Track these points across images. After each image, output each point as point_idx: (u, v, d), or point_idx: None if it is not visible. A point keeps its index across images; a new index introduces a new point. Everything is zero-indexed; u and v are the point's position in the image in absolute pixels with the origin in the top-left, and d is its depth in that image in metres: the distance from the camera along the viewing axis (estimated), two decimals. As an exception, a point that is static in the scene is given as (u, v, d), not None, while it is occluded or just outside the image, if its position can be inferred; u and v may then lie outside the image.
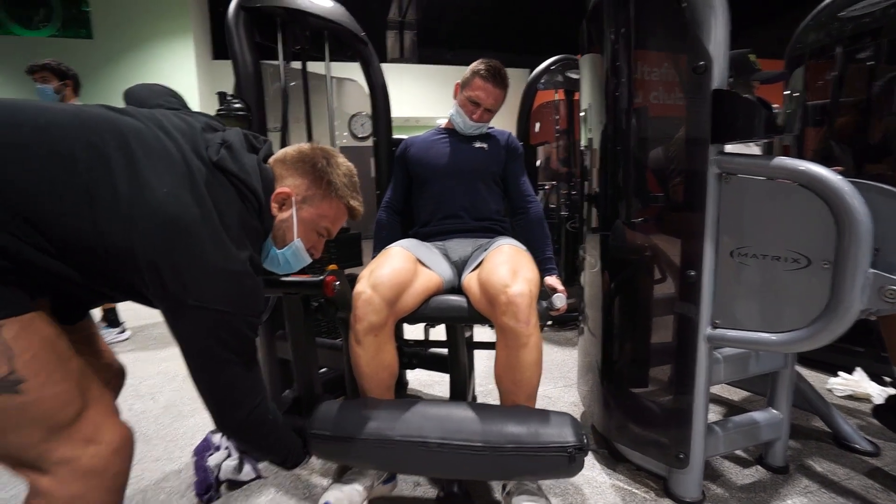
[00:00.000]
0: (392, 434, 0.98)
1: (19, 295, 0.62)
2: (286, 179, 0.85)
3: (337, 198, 0.88)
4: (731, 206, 1.01)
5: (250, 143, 0.86)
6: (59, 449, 0.63)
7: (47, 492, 0.63)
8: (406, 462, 1.01)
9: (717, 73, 0.99)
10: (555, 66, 2.55)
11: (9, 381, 0.59)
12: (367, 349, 1.05)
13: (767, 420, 1.28)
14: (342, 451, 1.02)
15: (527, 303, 1.00)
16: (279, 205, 0.84)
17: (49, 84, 2.48)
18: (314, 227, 0.88)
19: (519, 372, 1.04)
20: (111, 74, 5.35)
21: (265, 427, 0.84)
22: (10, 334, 0.59)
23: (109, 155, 0.66)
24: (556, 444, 0.94)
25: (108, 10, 5.34)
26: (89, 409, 0.67)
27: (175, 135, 0.74)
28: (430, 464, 1.00)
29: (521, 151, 1.51)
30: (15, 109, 0.64)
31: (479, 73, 1.35)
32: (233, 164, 0.76)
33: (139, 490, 1.32)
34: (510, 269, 1.07)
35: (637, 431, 1.27)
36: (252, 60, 1.39)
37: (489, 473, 1.04)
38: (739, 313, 1.03)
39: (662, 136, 1.16)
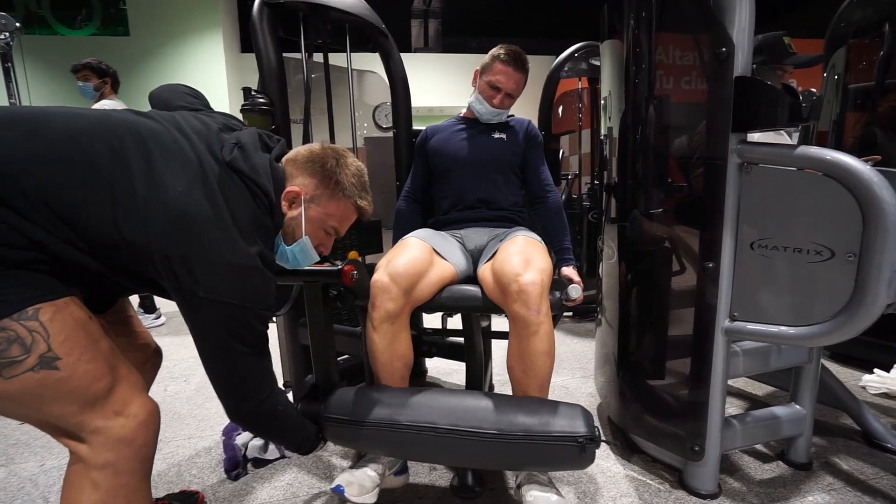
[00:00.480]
0: (402, 419, 1.00)
1: (54, 282, 0.68)
2: (296, 178, 0.89)
3: (344, 197, 0.91)
4: (753, 197, 0.99)
5: (264, 142, 0.89)
6: (92, 420, 0.70)
7: (84, 457, 0.70)
8: (415, 447, 1.02)
9: (740, 60, 0.96)
10: (578, 54, 2.50)
11: (47, 358, 0.65)
12: (384, 336, 1.08)
13: (789, 415, 1.25)
14: (354, 435, 1.04)
15: (538, 291, 1.01)
16: (289, 203, 0.87)
17: (90, 82, 2.62)
18: (322, 226, 0.91)
19: (529, 360, 1.05)
20: (147, 69, 5.57)
21: (275, 417, 0.87)
22: (47, 317, 0.66)
23: (129, 158, 0.71)
24: (566, 434, 0.93)
25: (143, 8, 5.54)
26: (118, 385, 0.73)
27: (192, 136, 0.78)
28: (439, 450, 1.01)
29: (540, 140, 1.50)
30: (49, 118, 0.70)
31: (500, 58, 1.35)
32: (244, 163, 0.79)
33: (174, 464, 1.42)
34: (523, 258, 1.08)
35: (653, 423, 1.27)
36: (275, 55, 1.43)
37: (498, 462, 1.04)
38: (759, 306, 1.01)
39: (682, 125, 1.13)
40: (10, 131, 0.66)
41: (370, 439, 1.03)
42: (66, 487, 0.71)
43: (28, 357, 0.64)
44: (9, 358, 0.63)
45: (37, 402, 0.67)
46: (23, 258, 0.65)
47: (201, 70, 5.67)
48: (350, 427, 1.04)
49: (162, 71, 5.60)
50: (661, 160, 1.18)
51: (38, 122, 0.69)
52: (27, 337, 0.64)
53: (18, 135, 0.66)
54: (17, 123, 0.67)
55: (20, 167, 0.64)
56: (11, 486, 1.35)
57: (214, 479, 1.34)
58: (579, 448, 0.92)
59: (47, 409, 0.68)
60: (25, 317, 0.64)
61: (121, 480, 0.71)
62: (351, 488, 1.01)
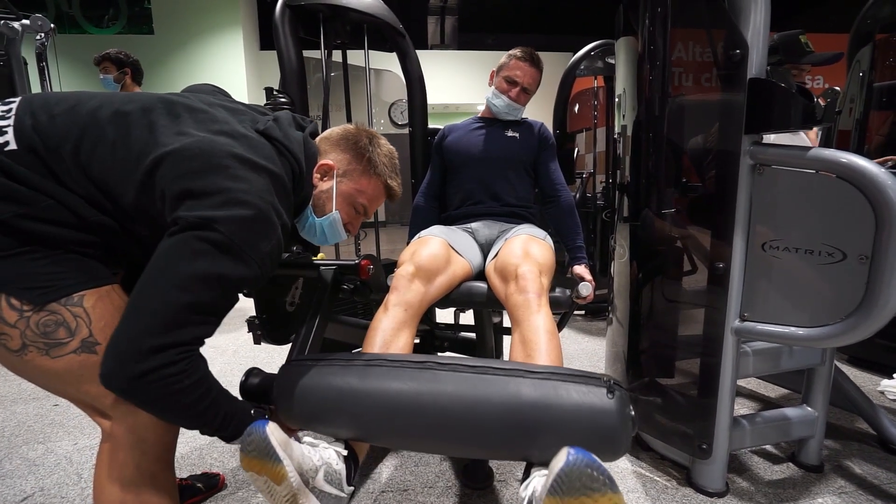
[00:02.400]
0: (392, 358, 0.78)
1: (100, 269, 0.73)
2: (329, 154, 0.90)
3: (376, 175, 0.92)
4: (765, 198, 0.99)
5: (297, 122, 0.92)
6: (123, 402, 0.73)
7: (115, 436, 0.74)
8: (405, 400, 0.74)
9: (754, 62, 0.96)
10: (594, 52, 2.49)
11: (88, 343, 0.70)
12: (392, 318, 1.03)
13: (800, 417, 1.25)
14: (315, 386, 0.77)
15: (534, 277, 1.02)
16: (321, 175, 0.89)
17: (109, 74, 2.68)
18: (352, 202, 0.92)
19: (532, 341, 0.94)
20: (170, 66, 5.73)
21: (178, 379, 0.65)
22: (90, 303, 0.70)
23: (158, 119, 0.72)
24: (590, 375, 0.72)
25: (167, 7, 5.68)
26: None
27: (221, 111, 0.80)
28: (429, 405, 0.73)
29: (552, 141, 1.52)
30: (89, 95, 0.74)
31: (516, 55, 1.43)
32: (278, 132, 0.81)
33: (195, 448, 1.49)
34: (522, 251, 1.12)
35: (661, 421, 1.28)
36: (296, 56, 1.47)
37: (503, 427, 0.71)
38: (769, 306, 1.01)
39: (696, 124, 1.14)
40: (57, 107, 0.71)
41: (345, 389, 0.76)
42: (98, 463, 0.76)
43: (72, 340, 0.69)
44: (55, 339, 0.68)
45: (77, 382, 0.72)
46: (74, 239, 0.69)
47: (222, 67, 5.80)
48: (321, 369, 0.78)
49: (184, 68, 5.75)
50: (674, 159, 1.18)
51: (79, 98, 0.73)
52: (72, 321, 0.69)
53: (61, 111, 0.71)
54: (62, 101, 0.72)
55: (61, 137, 0.68)
56: (49, 463, 1.43)
57: (234, 463, 1.40)
58: (607, 388, 0.70)
59: (85, 388, 0.72)
60: (72, 302, 0.69)
61: (147, 460, 0.75)
62: (275, 434, 0.69)
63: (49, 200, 0.67)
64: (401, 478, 1.30)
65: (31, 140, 0.67)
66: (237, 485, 1.29)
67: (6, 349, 0.68)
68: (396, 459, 1.39)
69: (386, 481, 1.29)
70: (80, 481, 1.33)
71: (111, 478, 0.74)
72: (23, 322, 0.66)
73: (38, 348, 0.68)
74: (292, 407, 0.79)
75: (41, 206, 0.66)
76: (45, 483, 1.34)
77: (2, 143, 0.66)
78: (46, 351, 0.68)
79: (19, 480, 1.35)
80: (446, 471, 1.33)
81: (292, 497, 0.70)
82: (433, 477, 1.30)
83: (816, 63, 1.63)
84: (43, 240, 0.67)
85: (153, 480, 0.76)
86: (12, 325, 0.66)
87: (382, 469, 1.35)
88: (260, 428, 0.69)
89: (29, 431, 1.63)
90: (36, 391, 1.94)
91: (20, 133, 0.67)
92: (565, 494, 0.58)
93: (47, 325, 0.67)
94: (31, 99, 0.72)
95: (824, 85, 5.33)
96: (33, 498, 1.27)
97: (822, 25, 4.58)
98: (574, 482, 0.58)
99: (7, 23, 2.99)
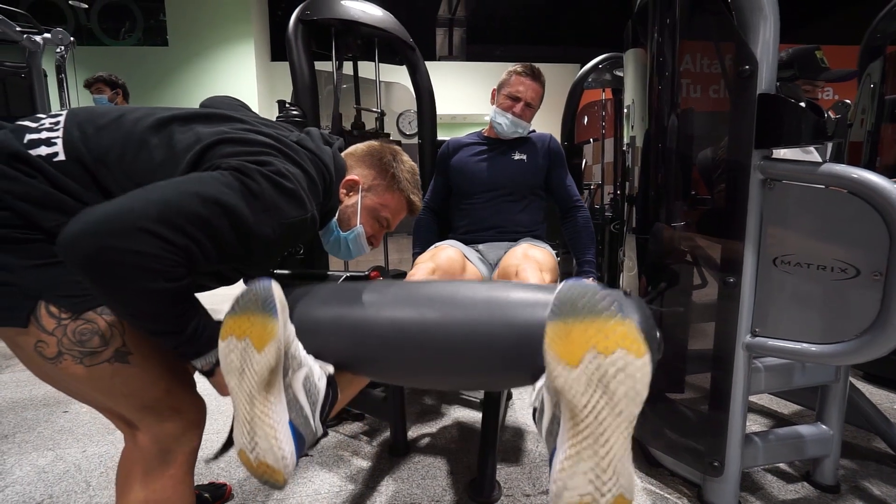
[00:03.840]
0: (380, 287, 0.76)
1: None
2: (355, 169, 0.93)
3: (399, 190, 0.94)
4: (776, 213, 0.99)
5: (325, 139, 0.95)
6: (151, 413, 0.76)
7: (141, 445, 0.76)
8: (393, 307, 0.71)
9: (764, 77, 0.96)
10: (602, 65, 2.51)
11: (121, 352, 0.71)
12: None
13: (815, 435, 1.23)
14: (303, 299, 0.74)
15: (535, 270, 1.07)
16: (347, 190, 0.92)
17: (103, 94, 2.76)
18: (376, 216, 0.95)
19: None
20: (184, 78, 5.85)
21: (164, 277, 0.60)
22: None
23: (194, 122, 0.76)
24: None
25: (181, 20, 5.82)
26: (176, 383, 0.79)
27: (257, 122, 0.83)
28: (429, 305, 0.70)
29: (562, 155, 1.53)
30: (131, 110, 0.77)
31: (516, 71, 1.43)
32: (311, 143, 0.84)
33: (202, 457, 1.49)
34: (523, 254, 1.16)
35: (672, 437, 1.26)
36: (308, 70, 1.50)
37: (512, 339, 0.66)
38: (781, 322, 1.00)
39: (705, 138, 1.14)
40: (102, 119, 0.73)
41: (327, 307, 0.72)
42: (121, 471, 0.78)
43: (106, 349, 0.70)
44: (90, 348, 0.69)
45: (107, 390, 0.73)
46: None
47: (234, 78, 5.91)
48: (317, 292, 0.75)
49: (197, 79, 5.87)
50: (684, 172, 1.18)
51: (122, 111, 0.76)
52: (107, 331, 0.70)
53: (105, 123, 0.73)
54: (106, 114, 0.75)
55: (106, 148, 0.70)
56: (58, 470, 1.44)
57: (241, 473, 1.40)
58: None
59: (115, 398, 0.74)
60: (106, 311, 0.69)
61: (170, 470, 0.77)
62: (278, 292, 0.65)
63: None
64: (407, 491, 1.29)
65: (78, 151, 0.69)
66: (244, 496, 1.29)
67: (41, 356, 0.69)
68: (404, 472, 1.38)
69: (393, 494, 1.28)
70: (88, 489, 1.34)
71: (135, 486, 0.76)
72: (60, 330, 0.67)
73: (73, 356, 0.69)
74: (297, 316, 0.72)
75: None
76: (54, 490, 1.34)
77: (51, 154, 0.68)
78: (80, 359, 0.69)
79: (29, 487, 1.36)
80: (454, 484, 1.32)
81: (264, 382, 0.62)
82: (440, 490, 1.29)
83: (832, 80, 1.63)
84: None
85: (175, 489, 0.78)
86: (50, 333, 0.67)
87: (389, 482, 1.34)
88: (262, 282, 0.64)
89: (39, 438, 1.65)
90: (47, 398, 1.96)
91: (69, 144, 0.69)
92: (568, 316, 0.53)
93: (83, 334, 0.68)
94: (76, 112, 0.74)
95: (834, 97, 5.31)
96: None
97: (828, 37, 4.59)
98: (576, 302, 0.53)
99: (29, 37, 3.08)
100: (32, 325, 0.67)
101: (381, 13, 1.67)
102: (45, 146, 0.68)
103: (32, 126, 0.71)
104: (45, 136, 0.69)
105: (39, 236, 0.66)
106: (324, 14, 1.53)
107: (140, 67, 5.66)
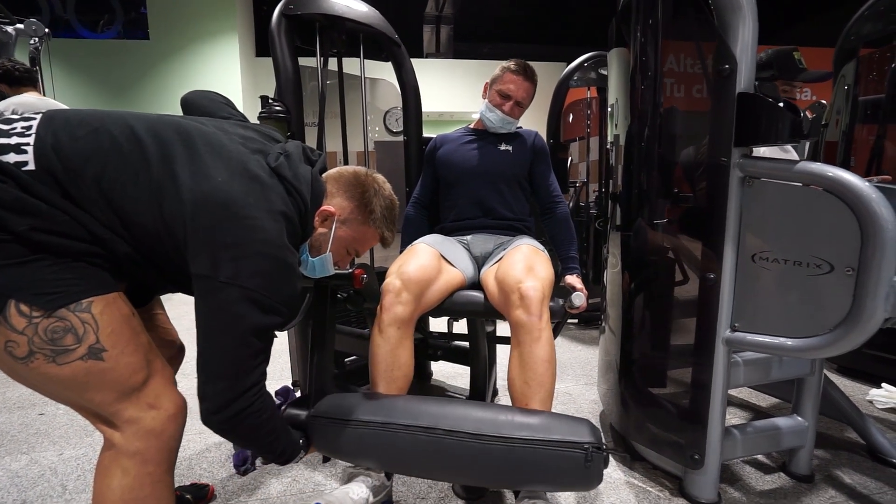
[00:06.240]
0: (396, 419, 0.95)
1: (107, 277, 0.73)
2: (335, 198, 0.93)
3: (374, 227, 0.96)
4: (754, 210, 1.01)
5: (307, 156, 0.94)
6: (127, 410, 0.74)
7: (117, 444, 0.75)
8: (408, 454, 0.95)
9: (743, 76, 0.98)
10: (588, 64, 2.53)
11: (95, 349, 0.70)
12: (388, 340, 1.11)
13: (791, 427, 1.26)
14: (342, 437, 0.97)
15: (539, 297, 1.04)
16: (321, 220, 0.91)
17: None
18: (346, 246, 0.96)
19: (531, 369, 1.06)
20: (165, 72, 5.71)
21: (259, 424, 0.81)
22: (98, 310, 0.70)
23: (175, 152, 0.75)
24: (571, 440, 0.88)
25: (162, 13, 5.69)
26: (153, 378, 0.77)
27: (236, 139, 0.83)
28: (434, 457, 0.94)
29: (547, 151, 1.54)
30: (112, 119, 0.75)
31: (510, 68, 1.43)
32: (288, 170, 0.84)
33: (185, 458, 1.46)
34: (525, 266, 1.11)
35: (654, 431, 1.29)
36: (292, 65, 1.48)
37: (497, 475, 0.94)
38: (759, 317, 1.02)
39: (686, 136, 1.16)
40: (79, 129, 0.71)
41: (359, 442, 0.97)
42: (98, 470, 0.76)
43: (79, 346, 0.69)
44: (63, 346, 0.68)
45: (81, 389, 0.72)
46: (83, 250, 0.70)
47: (217, 73, 5.80)
48: (338, 427, 0.98)
49: (180, 74, 5.74)
50: (666, 170, 1.20)
51: (103, 121, 0.74)
52: (80, 327, 0.69)
53: (84, 133, 0.71)
54: (84, 123, 0.73)
55: (82, 161, 0.69)
56: (32, 474, 1.40)
57: (224, 473, 1.38)
58: (584, 457, 0.86)
59: (89, 395, 0.72)
60: (80, 308, 0.69)
61: (148, 469, 0.75)
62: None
63: (65, 216, 0.68)
64: (392, 489, 1.28)
65: (50, 162, 0.67)
66: (226, 496, 1.27)
67: (11, 357, 0.67)
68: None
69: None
70: (64, 493, 1.30)
71: (112, 485, 0.74)
72: (31, 328, 0.66)
73: (44, 355, 0.68)
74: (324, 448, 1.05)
75: (57, 220, 0.67)
76: (28, 495, 1.31)
77: (21, 162, 0.66)
78: (53, 358, 0.68)
79: (1, 493, 1.32)
80: (439, 482, 1.32)
81: None
82: (426, 488, 1.29)
83: (809, 81, 1.67)
84: (53, 249, 0.67)
85: (154, 488, 0.77)
86: (20, 332, 0.66)
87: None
88: None
89: (12, 441, 1.60)
90: (21, 400, 1.90)
91: (40, 153, 0.68)
92: None
93: (55, 332, 0.67)
94: (52, 116, 0.72)
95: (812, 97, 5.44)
96: (16, 511, 1.25)
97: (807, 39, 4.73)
98: None
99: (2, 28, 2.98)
100: (1, 325, 0.65)
101: (367, 9, 1.65)
102: (15, 153, 0.67)
103: (4, 129, 0.69)
104: (14, 141, 0.68)
105: (9, 237, 0.64)
106: (308, 9, 1.51)
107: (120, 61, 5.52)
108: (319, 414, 1.01)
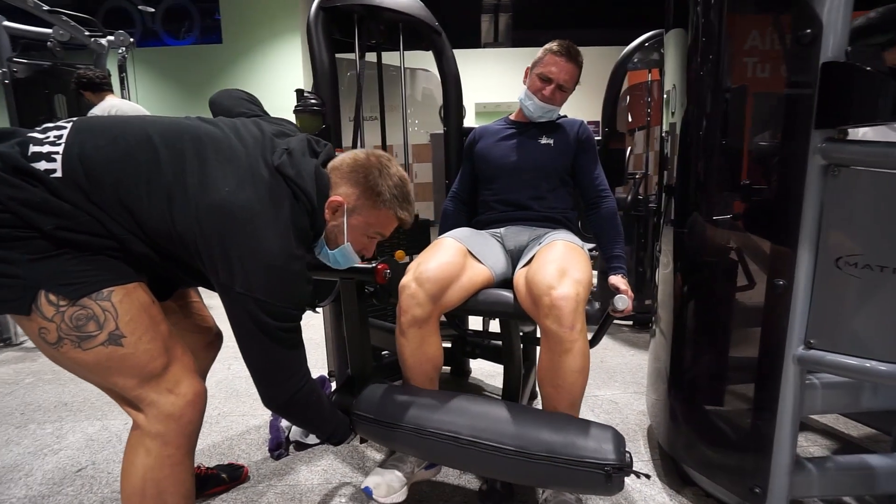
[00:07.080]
0: (426, 424, 0.99)
1: (126, 269, 0.78)
2: (340, 187, 0.91)
3: (385, 208, 0.92)
4: (840, 205, 0.83)
5: (312, 148, 0.93)
6: (148, 394, 0.79)
7: (141, 425, 0.80)
8: (439, 454, 1.01)
9: (830, 43, 0.81)
10: (649, 43, 2.30)
11: (114, 335, 0.75)
12: (411, 340, 1.08)
13: (887, 466, 1.05)
14: (381, 434, 1.05)
15: (571, 307, 0.94)
16: (332, 211, 0.90)
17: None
18: (364, 232, 0.94)
19: (560, 377, 0.99)
20: (236, 73, 6.14)
21: (307, 406, 0.91)
22: (117, 298, 0.75)
23: (186, 160, 0.78)
24: (592, 459, 0.87)
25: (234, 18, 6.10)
26: (172, 365, 0.81)
27: (248, 141, 0.84)
28: (462, 459, 0.99)
29: (593, 142, 1.40)
30: (129, 127, 0.79)
31: (551, 49, 1.33)
32: (291, 168, 0.83)
33: (227, 438, 1.54)
34: (558, 268, 1.01)
35: (707, 454, 1.13)
36: (329, 58, 1.48)
37: (520, 477, 0.99)
38: (842, 334, 0.85)
39: (754, 120, 0.99)
40: (101, 139, 0.76)
41: (397, 440, 1.04)
42: (127, 448, 0.82)
43: (101, 333, 0.74)
44: (86, 332, 0.73)
45: (105, 373, 0.77)
46: (104, 245, 0.75)
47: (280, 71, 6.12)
48: (377, 427, 1.05)
49: (249, 74, 6.14)
50: (728, 160, 1.04)
51: (122, 129, 0.79)
52: (101, 315, 0.74)
53: (105, 142, 0.76)
54: (105, 132, 0.78)
55: (103, 169, 0.74)
56: (102, 438, 1.57)
57: (259, 456, 1.43)
58: (605, 477, 0.85)
59: (113, 379, 0.78)
60: (101, 297, 0.74)
61: (167, 451, 0.80)
62: (379, 489, 1.03)
63: (87, 217, 0.72)
64: (416, 487, 1.26)
65: (75, 170, 0.73)
66: (258, 478, 1.32)
67: (45, 342, 0.74)
68: (415, 469, 1.35)
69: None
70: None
71: (136, 463, 0.80)
72: (59, 316, 0.72)
73: (71, 341, 0.73)
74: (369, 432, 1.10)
75: (79, 220, 0.72)
76: (98, 458, 1.45)
77: (50, 169, 0.72)
78: (78, 343, 0.73)
79: (77, 453, 1.48)
80: (465, 485, 1.27)
81: None
82: (450, 491, 1.25)
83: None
84: (75, 245, 0.72)
85: (172, 469, 0.81)
86: (49, 319, 0.72)
87: (400, 477, 1.31)
88: (370, 493, 1.03)
89: (91, 408, 1.79)
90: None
91: (67, 161, 0.73)
92: None
93: (79, 319, 0.72)
94: (79, 127, 0.78)
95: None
96: (86, 471, 1.38)
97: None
98: None
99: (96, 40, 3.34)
100: (34, 313, 0.71)
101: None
102: (46, 161, 0.72)
103: (39, 138, 0.75)
104: (46, 149, 0.73)
105: (36, 235, 0.70)
106: (346, 0, 1.50)
107: (195, 65, 6.01)
108: (359, 411, 1.08)
